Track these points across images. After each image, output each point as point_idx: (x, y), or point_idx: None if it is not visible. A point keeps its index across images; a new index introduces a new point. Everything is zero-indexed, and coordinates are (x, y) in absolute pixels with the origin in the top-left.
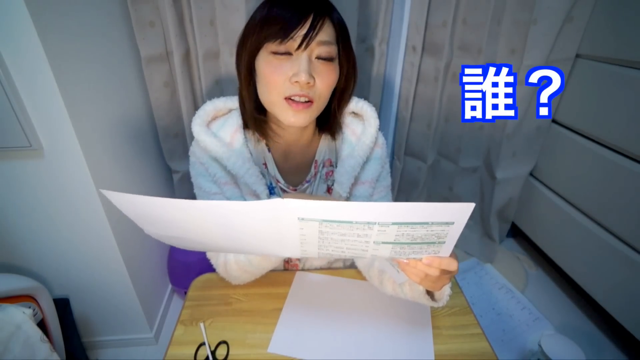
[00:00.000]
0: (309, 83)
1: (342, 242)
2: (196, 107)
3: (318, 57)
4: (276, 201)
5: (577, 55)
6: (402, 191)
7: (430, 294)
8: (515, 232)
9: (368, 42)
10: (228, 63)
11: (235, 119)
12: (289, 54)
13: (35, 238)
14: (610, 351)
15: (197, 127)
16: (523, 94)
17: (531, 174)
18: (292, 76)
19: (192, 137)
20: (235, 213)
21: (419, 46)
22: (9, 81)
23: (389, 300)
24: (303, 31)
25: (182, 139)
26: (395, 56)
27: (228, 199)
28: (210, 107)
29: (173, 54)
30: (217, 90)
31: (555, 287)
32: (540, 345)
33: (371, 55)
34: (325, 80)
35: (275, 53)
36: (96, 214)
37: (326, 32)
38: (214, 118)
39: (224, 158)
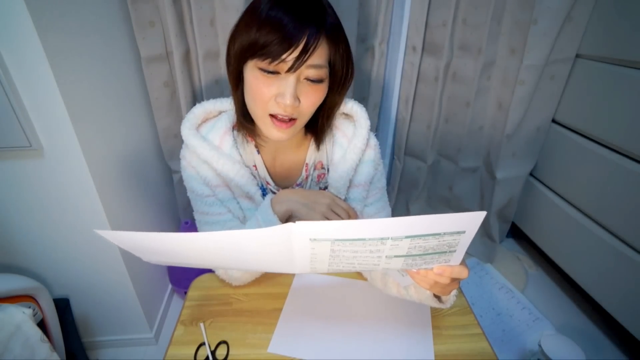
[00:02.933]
0: (294, 106)
1: (354, 259)
2: None
3: (306, 79)
4: (288, 225)
5: (577, 55)
6: (402, 191)
7: (437, 295)
8: (515, 232)
9: (368, 42)
10: None
11: (224, 122)
12: (277, 73)
13: (35, 238)
14: (610, 351)
15: (186, 130)
16: (523, 94)
17: (531, 174)
18: (278, 96)
19: None
20: (242, 240)
21: (419, 46)
22: (9, 81)
23: (389, 301)
24: (295, 54)
25: (182, 139)
26: (395, 56)
27: (221, 200)
28: (200, 110)
29: (173, 54)
30: (217, 90)
31: (555, 287)
32: (540, 345)
33: (371, 55)
34: (310, 100)
35: (263, 70)
36: (96, 214)
37: (319, 55)
38: (204, 120)
39: (214, 161)
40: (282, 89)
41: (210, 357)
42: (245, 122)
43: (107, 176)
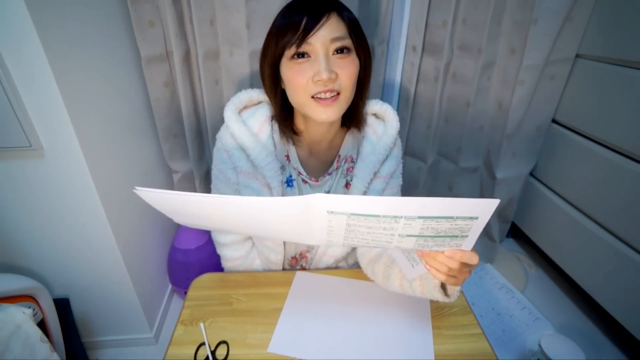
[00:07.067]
0: (331, 78)
1: (368, 235)
2: (196, 107)
3: (335, 52)
4: (308, 197)
5: (577, 55)
6: (402, 191)
7: (443, 288)
8: (515, 232)
9: (368, 42)
10: (228, 63)
11: (265, 111)
12: (307, 56)
13: (35, 238)
14: (610, 351)
15: (229, 112)
16: (523, 94)
17: (531, 174)
18: (314, 76)
19: (192, 137)
20: (267, 207)
21: (419, 46)
22: (9, 81)
23: (389, 300)
24: (315, 32)
25: (182, 139)
26: (395, 56)
27: (237, 190)
28: (245, 96)
29: (173, 54)
30: (217, 90)
31: (555, 287)
32: (540, 345)
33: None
34: (347, 71)
35: (294, 58)
36: (96, 214)
37: (337, 29)
38: (245, 107)
39: (250, 147)
40: (315, 69)
41: (210, 357)
42: (284, 122)
43: (107, 176)
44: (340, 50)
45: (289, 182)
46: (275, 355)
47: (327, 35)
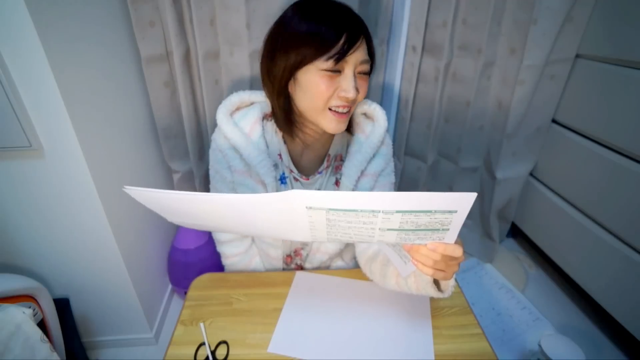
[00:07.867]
0: (355, 97)
1: (349, 229)
2: (196, 107)
3: (359, 73)
4: (286, 193)
5: (577, 55)
6: (402, 191)
7: (436, 284)
8: (515, 232)
9: None
10: (228, 63)
11: (256, 112)
12: (339, 71)
13: (35, 238)
14: (610, 351)
15: (221, 115)
16: (523, 94)
17: (531, 174)
18: (341, 91)
19: (193, 137)
20: (249, 204)
21: (419, 46)
22: (9, 81)
23: (389, 300)
24: (353, 51)
25: (182, 139)
26: (395, 56)
27: (234, 189)
28: (236, 99)
29: (173, 54)
30: (217, 90)
31: (555, 287)
32: (540, 345)
33: None
34: (363, 92)
35: (326, 70)
36: (96, 214)
37: (365, 52)
38: (237, 109)
39: (242, 147)
40: (344, 85)
41: (210, 357)
42: (285, 124)
43: (107, 176)
44: (364, 72)
45: (282, 180)
46: (275, 355)
47: (359, 57)
